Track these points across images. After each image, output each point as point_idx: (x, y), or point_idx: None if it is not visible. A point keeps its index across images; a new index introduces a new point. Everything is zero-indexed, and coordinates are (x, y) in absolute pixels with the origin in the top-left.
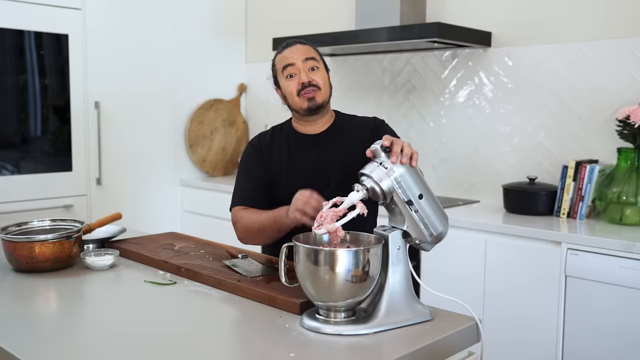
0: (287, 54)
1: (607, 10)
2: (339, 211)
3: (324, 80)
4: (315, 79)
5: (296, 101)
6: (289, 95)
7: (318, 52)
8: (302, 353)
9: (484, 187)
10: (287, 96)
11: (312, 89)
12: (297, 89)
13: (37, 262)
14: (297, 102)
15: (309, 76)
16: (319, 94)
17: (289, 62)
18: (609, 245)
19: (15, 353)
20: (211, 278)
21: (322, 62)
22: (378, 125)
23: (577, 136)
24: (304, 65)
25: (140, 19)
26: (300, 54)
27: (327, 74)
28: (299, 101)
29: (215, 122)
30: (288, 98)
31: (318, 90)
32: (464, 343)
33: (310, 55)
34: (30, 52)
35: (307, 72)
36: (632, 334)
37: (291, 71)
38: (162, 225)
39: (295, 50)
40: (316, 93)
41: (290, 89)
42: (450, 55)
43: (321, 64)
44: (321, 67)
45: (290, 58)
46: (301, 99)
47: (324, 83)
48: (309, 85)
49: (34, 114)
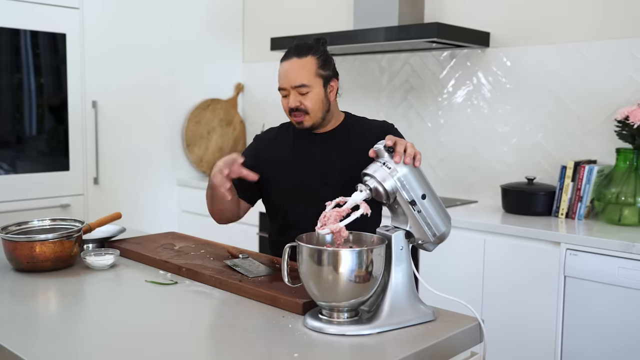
0: (282, 72)
1: (605, 11)
2: (342, 211)
3: (313, 102)
4: (304, 104)
5: (289, 117)
6: (284, 110)
7: (320, 60)
8: (306, 353)
9: (482, 187)
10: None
11: (299, 114)
12: (288, 109)
13: (38, 261)
14: (290, 119)
15: (297, 100)
16: (306, 118)
17: (281, 85)
18: (608, 246)
19: (16, 351)
20: (213, 278)
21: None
22: (386, 129)
23: (576, 136)
24: (294, 90)
25: (138, 19)
26: (292, 78)
27: (323, 90)
28: (290, 118)
29: (212, 121)
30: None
31: (306, 115)
32: (467, 343)
33: (300, 82)
34: (26, 51)
35: (297, 95)
36: (631, 334)
37: (284, 93)
38: (159, 225)
39: (290, 68)
40: (304, 118)
41: (284, 106)
42: (449, 55)
43: (315, 82)
44: (313, 88)
45: (283, 80)
46: (292, 117)
47: (313, 106)
48: (296, 110)
49: (29, 113)
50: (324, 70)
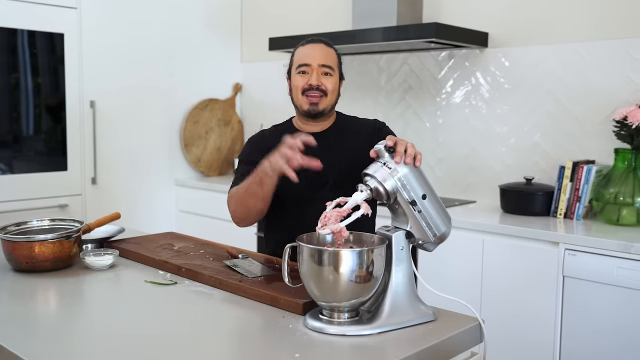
0: (308, 52)
1: (603, 11)
2: (343, 211)
3: (333, 86)
4: (324, 84)
5: (299, 98)
6: (294, 89)
7: (339, 58)
8: (307, 353)
9: (480, 188)
10: (293, 89)
11: (318, 94)
12: (304, 88)
13: (37, 262)
14: (300, 100)
15: (320, 79)
16: (323, 100)
17: (306, 61)
18: (606, 246)
19: (15, 351)
20: (212, 278)
21: (338, 70)
22: (378, 127)
23: (574, 136)
24: (319, 69)
25: (136, 19)
26: (320, 57)
27: (339, 82)
28: (301, 99)
29: (210, 121)
30: (293, 91)
31: (323, 97)
32: (468, 343)
33: (327, 63)
34: (23, 50)
35: (319, 75)
36: (629, 334)
37: (305, 69)
38: (157, 225)
39: (317, 49)
40: (320, 99)
41: (298, 83)
42: (447, 55)
43: (336, 72)
44: (335, 75)
45: (309, 57)
46: (304, 98)
47: (333, 89)
48: (316, 88)
49: (26, 113)
50: (341, 67)
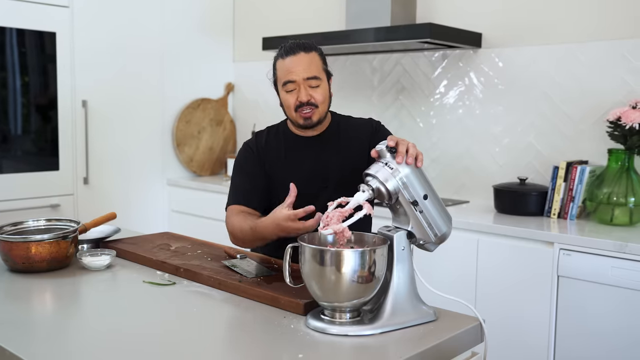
0: (290, 66)
1: (598, 12)
2: (345, 211)
3: (324, 96)
4: (314, 97)
5: (293, 115)
6: (286, 108)
7: (322, 57)
8: (310, 354)
9: (474, 188)
10: (285, 107)
11: (309, 108)
12: (295, 105)
13: (34, 262)
14: (294, 116)
15: (309, 93)
16: (315, 112)
17: (290, 78)
18: (601, 246)
19: (15, 351)
20: (211, 278)
21: (324, 72)
22: (375, 127)
23: (568, 137)
24: (305, 82)
25: (128, 18)
26: (303, 70)
27: (327, 85)
28: (295, 115)
29: (202, 121)
30: (285, 108)
31: (315, 109)
32: (468, 343)
33: (312, 74)
34: (11, 49)
35: (307, 89)
36: (624, 334)
37: (291, 87)
38: (149, 225)
39: (298, 61)
40: (313, 112)
41: (288, 102)
42: (441, 56)
43: (323, 76)
44: (323, 82)
45: (292, 74)
46: (297, 114)
47: (323, 99)
48: (307, 104)
49: (14, 112)
50: (326, 66)
